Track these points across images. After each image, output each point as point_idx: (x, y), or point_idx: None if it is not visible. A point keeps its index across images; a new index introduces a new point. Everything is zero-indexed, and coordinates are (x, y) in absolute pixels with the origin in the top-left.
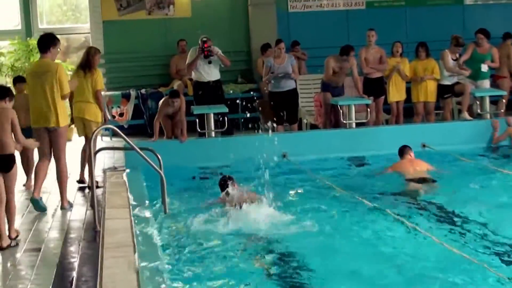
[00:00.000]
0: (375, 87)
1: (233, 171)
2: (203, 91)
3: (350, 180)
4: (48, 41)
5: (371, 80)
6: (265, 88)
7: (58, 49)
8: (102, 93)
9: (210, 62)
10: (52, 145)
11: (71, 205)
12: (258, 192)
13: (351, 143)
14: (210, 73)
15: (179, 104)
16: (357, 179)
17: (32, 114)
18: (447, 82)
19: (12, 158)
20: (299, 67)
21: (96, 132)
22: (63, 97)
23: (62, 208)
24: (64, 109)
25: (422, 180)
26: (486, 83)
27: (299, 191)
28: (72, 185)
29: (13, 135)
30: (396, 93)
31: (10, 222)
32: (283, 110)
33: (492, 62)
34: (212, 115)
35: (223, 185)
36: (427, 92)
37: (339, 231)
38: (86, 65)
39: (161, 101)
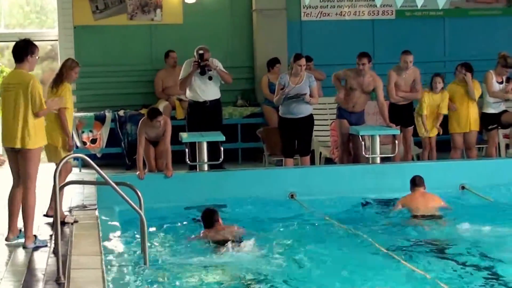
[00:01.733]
0: (402, 115)
1: (229, 212)
2: (198, 114)
3: (370, 228)
4: (24, 49)
5: (398, 106)
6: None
7: (37, 58)
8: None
9: (210, 78)
10: (20, 169)
11: (35, 243)
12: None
13: (374, 182)
14: (207, 91)
15: (163, 126)
16: (373, 222)
17: (1, 131)
18: (492, 110)
19: None
20: None
21: (61, 163)
22: (36, 115)
23: (24, 247)
24: (37, 129)
25: (429, 217)
26: None
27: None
28: (36, 220)
29: None
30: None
31: None
32: (293, 139)
33: None
34: (205, 144)
35: (207, 218)
36: (468, 121)
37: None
38: (57, 79)
39: (139, 123)
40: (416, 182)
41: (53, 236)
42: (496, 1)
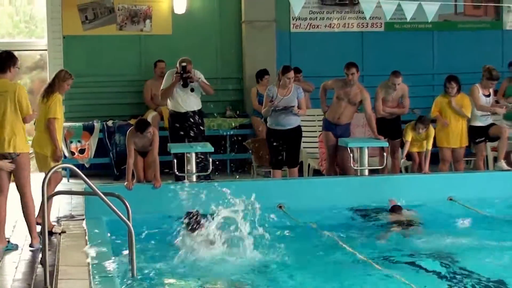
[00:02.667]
0: (389, 127)
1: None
2: (179, 124)
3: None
4: (6, 60)
5: (386, 119)
6: (260, 129)
7: (17, 68)
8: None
9: (192, 90)
10: (14, 177)
11: (35, 246)
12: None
13: (362, 194)
14: (189, 101)
15: (151, 137)
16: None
17: None
18: (479, 123)
19: None
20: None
21: (49, 173)
22: (24, 120)
23: (31, 246)
24: (24, 134)
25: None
26: None
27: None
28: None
29: None
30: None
31: None
32: (281, 151)
33: None
34: (193, 155)
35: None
36: (458, 137)
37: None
38: (49, 90)
39: (127, 133)
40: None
41: (41, 246)
42: (485, 14)
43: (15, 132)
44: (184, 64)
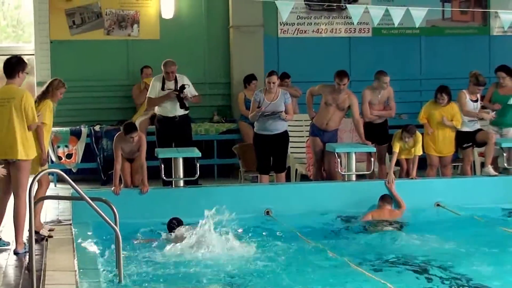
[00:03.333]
0: (376, 132)
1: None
2: (167, 129)
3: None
4: (16, 66)
5: (372, 125)
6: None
7: (26, 73)
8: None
9: (187, 109)
10: (12, 179)
11: (26, 249)
12: None
13: (349, 199)
14: (177, 106)
15: (137, 142)
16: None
17: None
18: (467, 128)
19: None
20: None
21: (37, 178)
22: (29, 128)
23: (15, 253)
24: (29, 141)
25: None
26: None
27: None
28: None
29: None
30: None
31: None
32: (268, 156)
33: None
34: (181, 160)
35: (173, 228)
36: (443, 142)
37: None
38: (41, 96)
39: (115, 138)
40: (382, 201)
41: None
42: (472, 20)
43: (19, 139)
44: (183, 84)
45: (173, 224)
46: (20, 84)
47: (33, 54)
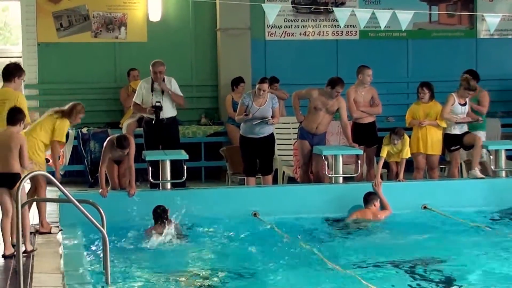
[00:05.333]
0: (366, 134)
1: (191, 230)
2: (155, 131)
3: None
4: (14, 71)
5: (361, 126)
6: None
7: (22, 80)
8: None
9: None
10: None
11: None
12: None
13: (336, 202)
14: (164, 108)
15: (128, 150)
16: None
17: None
18: (456, 131)
19: (17, 176)
20: None
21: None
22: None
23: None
24: None
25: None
26: (483, 135)
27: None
28: None
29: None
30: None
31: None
32: (255, 158)
33: (479, 105)
34: (168, 163)
35: (159, 215)
36: (430, 142)
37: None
38: (63, 114)
39: (105, 143)
40: (368, 200)
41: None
42: (459, 23)
43: None
44: (158, 104)
45: (159, 211)
46: (16, 88)
47: (20, 57)
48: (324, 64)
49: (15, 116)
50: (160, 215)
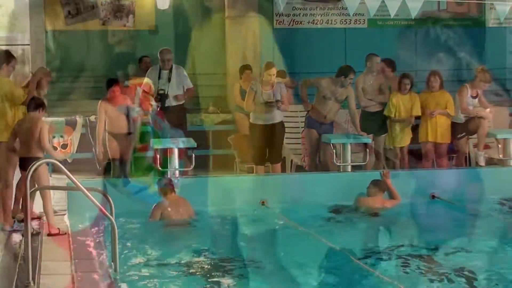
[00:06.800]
0: (374, 123)
1: (200, 218)
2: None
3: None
4: (1, 58)
5: (369, 114)
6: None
7: (12, 67)
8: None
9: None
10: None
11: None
12: None
13: (345, 190)
14: (170, 97)
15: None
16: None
17: None
18: (459, 120)
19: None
20: None
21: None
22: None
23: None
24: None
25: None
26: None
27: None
28: None
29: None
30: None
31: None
32: (264, 147)
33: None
34: (176, 151)
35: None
36: (439, 131)
37: None
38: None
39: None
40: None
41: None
42: (468, 11)
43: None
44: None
45: (166, 182)
46: (7, 76)
47: (28, 44)
48: (332, 52)
49: (35, 102)
50: (166, 186)
